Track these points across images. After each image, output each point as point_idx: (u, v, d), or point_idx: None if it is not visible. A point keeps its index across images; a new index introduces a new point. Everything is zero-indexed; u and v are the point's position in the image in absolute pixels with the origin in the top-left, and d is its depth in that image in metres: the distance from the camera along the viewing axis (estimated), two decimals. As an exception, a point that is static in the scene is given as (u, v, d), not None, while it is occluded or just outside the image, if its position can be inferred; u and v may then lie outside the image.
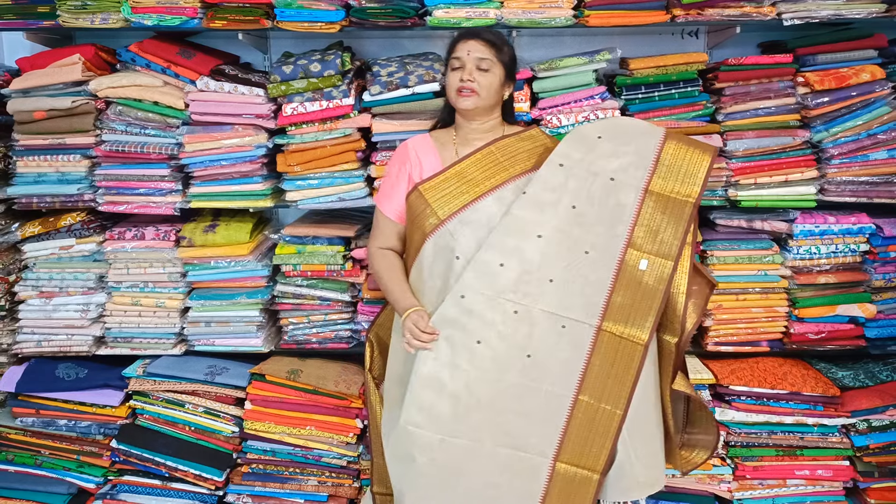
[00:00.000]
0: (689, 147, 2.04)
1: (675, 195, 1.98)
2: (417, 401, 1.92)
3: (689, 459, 2.20)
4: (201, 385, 2.71)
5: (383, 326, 2.29)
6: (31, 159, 2.66)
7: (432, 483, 1.92)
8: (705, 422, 2.16)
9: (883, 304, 2.69)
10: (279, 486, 2.74)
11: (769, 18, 2.55)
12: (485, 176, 2.04)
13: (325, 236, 2.72)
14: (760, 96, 2.60)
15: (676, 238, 1.96)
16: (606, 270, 1.95)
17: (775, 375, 2.63)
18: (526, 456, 1.95)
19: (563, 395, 1.94)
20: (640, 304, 1.94)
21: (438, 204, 2.01)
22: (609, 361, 1.94)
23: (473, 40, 2.05)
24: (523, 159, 2.08)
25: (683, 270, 1.97)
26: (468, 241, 1.99)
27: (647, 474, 2.02)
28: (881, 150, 2.61)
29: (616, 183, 1.99)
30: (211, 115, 2.62)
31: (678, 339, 2.00)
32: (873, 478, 2.65)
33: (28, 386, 2.71)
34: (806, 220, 2.64)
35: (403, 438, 1.92)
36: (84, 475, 2.77)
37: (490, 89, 2.06)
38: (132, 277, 2.73)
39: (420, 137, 2.21)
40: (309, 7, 2.54)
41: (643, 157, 2.01)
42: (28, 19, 2.65)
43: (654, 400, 2.05)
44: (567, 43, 2.99)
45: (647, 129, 2.07)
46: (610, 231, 1.97)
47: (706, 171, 1.99)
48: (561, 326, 1.94)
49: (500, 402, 1.94)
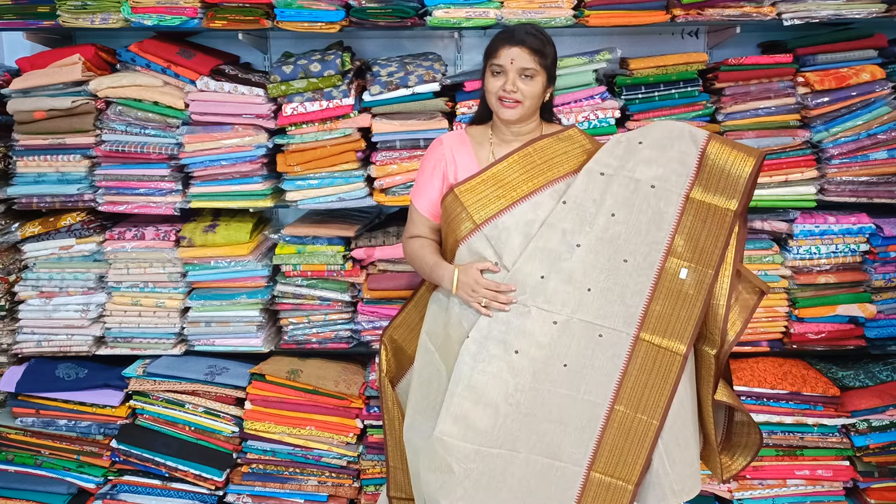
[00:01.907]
0: (733, 151, 1.93)
1: (716, 203, 1.91)
2: (454, 411, 1.88)
3: (728, 466, 2.15)
4: (201, 385, 2.71)
5: (399, 329, 2.24)
6: (31, 159, 2.66)
7: (469, 493, 1.88)
8: (747, 428, 2.11)
9: (883, 304, 2.69)
10: (279, 486, 2.74)
11: (769, 18, 2.55)
12: (522, 179, 1.97)
13: (325, 236, 2.72)
14: (760, 96, 2.60)
15: (717, 247, 1.89)
16: (645, 279, 1.91)
17: (775, 375, 2.63)
18: (560, 465, 1.92)
19: (598, 403, 1.91)
20: (679, 313, 1.90)
21: (475, 208, 1.95)
22: (646, 371, 1.90)
23: (517, 47, 1.94)
24: (561, 162, 2.01)
25: (724, 279, 1.91)
26: (504, 247, 1.94)
27: (683, 482, 1.97)
28: (881, 150, 2.61)
29: (657, 190, 1.93)
30: (211, 115, 2.62)
31: (717, 351, 1.94)
32: (873, 478, 2.65)
33: (28, 386, 2.71)
34: (806, 220, 2.64)
35: (439, 450, 1.88)
36: (84, 475, 2.77)
37: (534, 98, 1.98)
38: (132, 277, 2.73)
39: (456, 134, 2.15)
40: (309, 7, 2.54)
41: (684, 164, 1.94)
42: (28, 19, 2.65)
43: (690, 407, 2.00)
44: (567, 43, 2.98)
45: (690, 133, 1.98)
46: (649, 239, 1.91)
47: (748, 178, 1.89)
48: (598, 335, 1.90)
49: (537, 412, 1.90)
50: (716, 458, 2.11)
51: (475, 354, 1.89)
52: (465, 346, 1.90)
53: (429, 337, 2.09)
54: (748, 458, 2.11)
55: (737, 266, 1.93)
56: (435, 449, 1.89)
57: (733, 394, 2.07)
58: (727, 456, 2.14)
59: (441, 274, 1.99)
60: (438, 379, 2.01)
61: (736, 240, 1.92)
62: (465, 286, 1.92)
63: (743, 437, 2.12)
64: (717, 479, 2.16)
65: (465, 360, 1.89)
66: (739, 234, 1.93)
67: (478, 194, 1.96)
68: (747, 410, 2.08)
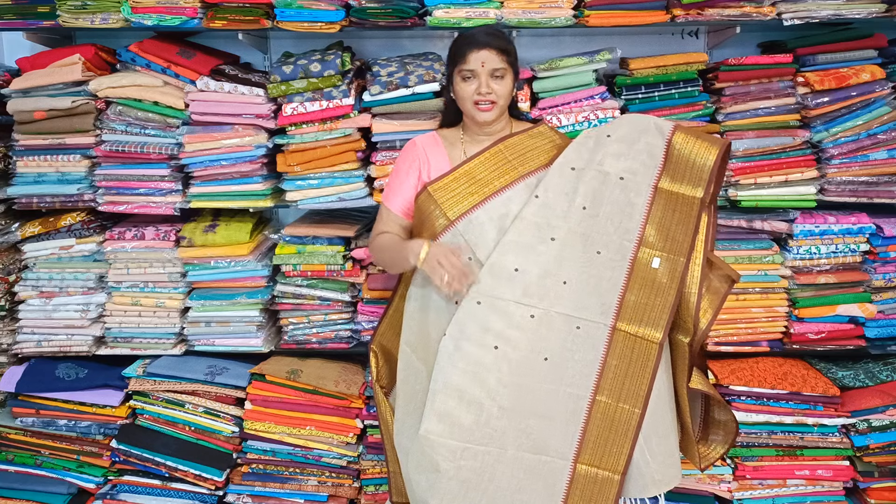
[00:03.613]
0: (698, 141, 1.98)
1: (684, 192, 1.96)
2: (438, 410, 1.89)
3: (706, 455, 2.20)
4: (201, 385, 2.71)
5: (385, 335, 2.27)
6: (31, 159, 2.66)
7: (458, 492, 1.90)
8: (723, 417, 2.15)
9: (883, 304, 2.69)
10: (279, 486, 2.74)
11: (769, 18, 2.55)
12: (494, 175, 2.02)
13: (325, 236, 2.72)
14: (760, 96, 2.60)
15: (687, 236, 1.94)
16: (619, 270, 1.95)
17: (775, 375, 2.63)
18: (547, 459, 1.94)
19: (580, 396, 1.93)
20: (654, 302, 1.93)
21: (448, 205, 2.00)
22: (625, 361, 1.93)
23: (485, 50, 1.99)
24: (532, 157, 2.06)
25: (696, 267, 1.95)
26: (478, 241, 1.98)
27: (664, 472, 2.01)
28: (881, 150, 2.61)
29: (626, 182, 1.98)
30: (211, 115, 2.62)
31: (690, 339, 1.98)
32: (873, 478, 2.65)
33: (28, 386, 2.71)
34: (806, 220, 2.64)
35: (426, 448, 1.89)
36: (84, 475, 2.77)
37: (507, 96, 2.05)
38: (132, 277, 2.73)
39: (429, 136, 2.19)
40: (309, 7, 2.54)
41: (652, 156, 1.99)
42: (28, 19, 2.65)
43: (667, 398, 2.04)
44: (567, 43, 2.99)
45: (656, 125, 2.04)
46: (621, 230, 1.96)
47: (712, 167, 1.94)
48: (576, 328, 1.93)
49: (521, 407, 1.92)
50: (693, 447, 2.16)
51: (452, 352, 1.91)
52: (443, 344, 1.92)
53: (406, 341, 2.12)
54: (725, 447, 2.16)
55: (707, 254, 1.97)
56: (422, 448, 1.91)
57: (708, 382, 2.11)
58: (704, 445, 2.20)
59: (410, 247, 1.97)
60: (418, 379, 2.04)
61: (706, 228, 1.98)
62: (434, 257, 1.91)
63: (720, 426, 2.17)
64: (696, 468, 2.20)
65: (444, 357, 1.91)
66: (709, 222, 1.99)
67: (451, 191, 2.01)
68: (722, 399, 2.12)
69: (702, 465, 2.20)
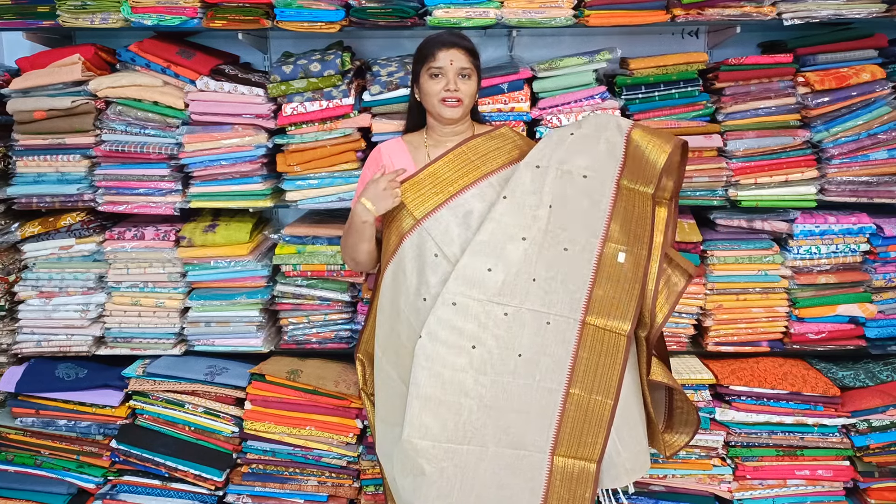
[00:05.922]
0: (653, 139, 2.03)
1: (639, 188, 2.01)
2: (418, 412, 1.92)
3: (671, 443, 2.26)
4: (201, 385, 2.71)
5: (370, 342, 2.29)
6: (31, 159, 2.66)
7: (443, 492, 1.92)
8: (686, 406, 2.21)
9: (883, 304, 2.69)
10: (279, 487, 2.74)
11: (769, 18, 2.55)
12: (457, 175, 2.09)
13: (325, 236, 2.72)
14: (760, 96, 2.60)
15: (646, 231, 1.99)
16: (586, 266, 1.99)
17: (775, 375, 2.63)
18: (526, 453, 1.97)
19: (554, 389, 1.97)
20: (620, 295, 1.98)
21: (414, 205, 2.06)
22: (596, 353, 1.98)
23: (454, 49, 2.07)
24: (494, 157, 2.12)
25: (653, 263, 2.00)
26: (444, 239, 2.03)
27: (634, 461, 2.07)
28: (881, 150, 2.61)
29: (590, 180, 2.03)
30: (211, 115, 2.62)
31: (647, 333, 2.04)
32: (873, 478, 2.65)
33: (28, 386, 2.71)
34: (806, 220, 2.64)
35: (409, 453, 1.92)
36: (84, 475, 2.76)
37: (472, 96, 2.13)
38: (132, 277, 2.72)
39: (393, 141, 2.26)
40: (309, 7, 2.54)
41: (612, 153, 2.04)
42: (28, 19, 2.65)
43: (634, 390, 2.09)
44: (567, 43, 2.99)
45: (616, 123, 2.09)
46: (586, 227, 2.00)
47: (664, 164, 1.97)
48: (546, 323, 1.97)
49: (500, 404, 1.95)
50: (659, 436, 2.22)
51: (430, 354, 1.94)
52: (420, 346, 1.94)
53: (379, 344, 2.16)
54: (689, 436, 2.25)
55: (666, 249, 2.03)
56: (405, 452, 1.93)
57: (670, 374, 2.17)
58: (669, 434, 2.27)
59: (355, 212, 2.08)
60: (391, 384, 2.07)
61: (665, 224, 2.03)
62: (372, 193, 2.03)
63: (683, 416, 2.24)
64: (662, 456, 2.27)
65: (421, 360, 1.93)
66: (669, 218, 2.05)
67: (416, 192, 2.08)
68: (683, 390, 2.18)
69: (667, 453, 2.26)
